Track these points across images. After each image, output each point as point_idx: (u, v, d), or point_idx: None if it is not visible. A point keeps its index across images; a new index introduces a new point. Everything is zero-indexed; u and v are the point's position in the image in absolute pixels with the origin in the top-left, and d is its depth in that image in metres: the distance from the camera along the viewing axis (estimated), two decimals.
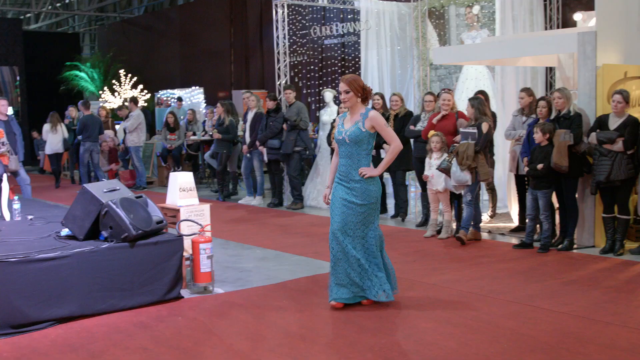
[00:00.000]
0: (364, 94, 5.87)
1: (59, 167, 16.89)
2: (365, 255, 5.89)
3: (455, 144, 8.52)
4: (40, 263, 5.53)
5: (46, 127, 16.39)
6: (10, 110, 12.42)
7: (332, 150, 11.16)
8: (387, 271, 6.02)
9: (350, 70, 14.94)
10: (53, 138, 16.22)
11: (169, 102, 19.85)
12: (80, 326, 5.57)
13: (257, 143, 12.00)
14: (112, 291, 5.86)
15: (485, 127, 8.26)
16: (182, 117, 16.56)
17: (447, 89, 9.59)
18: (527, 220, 8.23)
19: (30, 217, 7.51)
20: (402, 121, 9.90)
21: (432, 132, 8.84)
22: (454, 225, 8.94)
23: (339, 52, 15.62)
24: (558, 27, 11.37)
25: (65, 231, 6.31)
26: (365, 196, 5.85)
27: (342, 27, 14.54)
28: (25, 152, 12.88)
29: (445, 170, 8.42)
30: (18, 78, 24.91)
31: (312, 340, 5.10)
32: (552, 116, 8.04)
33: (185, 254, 6.39)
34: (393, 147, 5.94)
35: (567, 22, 11.51)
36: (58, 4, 28.50)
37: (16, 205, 7.57)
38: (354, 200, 5.83)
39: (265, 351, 4.91)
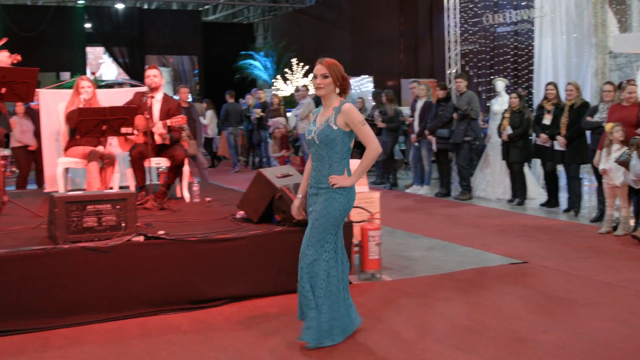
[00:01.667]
0: (343, 84, 4.78)
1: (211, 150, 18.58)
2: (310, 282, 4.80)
3: (636, 137, 8.09)
4: (218, 243, 5.81)
5: (210, 112, 17.67)
6: (190, 98, 13.09)
7: (503, 142, 10.93)
8: (321, 315, 4.77)
9: (523, 59, 14.52)
10: (211, 123, 17.95)
11: None
12: (252, 305, 5.80)
13: (426, 132, 11.95)
14: (283, 273, 6.04)
15: None
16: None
17: (632, 79, 9.11)
18: None
19: (208, 199, 7.90)
20: (578, 112, 9.53)
21: (611, 124, 8.43)
22: (632, 222, 8.49)
23: (511, 40, 15.20)
24: None
25: (240, 213, 6.58)
26: (327, 205, 4.71)
27: (516, 14, 14.14)
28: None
29: (624, 163, 8.02)
30: (197, 67, 26.14)
31: (480, 333, 5.04)
32: None
33: (354, 240, 6.49)
34: (368, 151, 4.73)
35: None
36: None
37: (195, 188, 7.98)
38: (318, 206, 4.77)
39: (432, 341, 4.90)
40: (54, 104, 8.56)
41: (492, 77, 14.76)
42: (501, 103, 11.65)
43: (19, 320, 5.20)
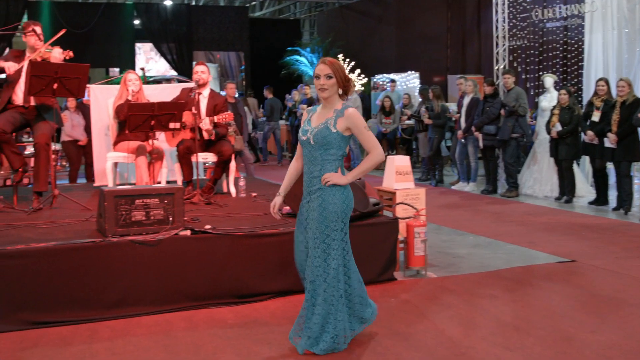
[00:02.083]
0: (347, 85, 4.54)
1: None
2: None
3: None
4: (264, 238, 5.85)
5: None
6: (236, 94, 13.17)
7: (552, 139, 10.79)
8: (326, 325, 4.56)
9: (573, 54, 14.31)
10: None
11: (384, 87, 20.07)
12: (297, 300, 5.79)
13: (473, 128, 11.86)
14: None
15: None
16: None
17: None
18: None
19: (254, 194, 7.95)
20: (630, 109, 9.36)
21: None
22: None
23: (560, 35, 14.97)
24: None
25: (286, 209, 6.60)
26: (322, 208, 4.50)
27: (566, 9, 13.96)
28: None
29: None
30: (244, 63, 26.29)
31: (527, 332, 4.99)
32: None
33: (399, 237, 6.47)
34: (372, 156, 4.57)
35: None
36: None
37: (241, 183, 8.04)
38: (312, 213, 4.56)
39: (478, 339, 4.87)
40: (103, 99, 8.69)
41: (540, 73, 14.59)
42: (550, 99, 11.49)
43: (67, 312, 5.31)
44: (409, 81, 20.03)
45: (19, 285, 5.19)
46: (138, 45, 26.04)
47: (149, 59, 27.23)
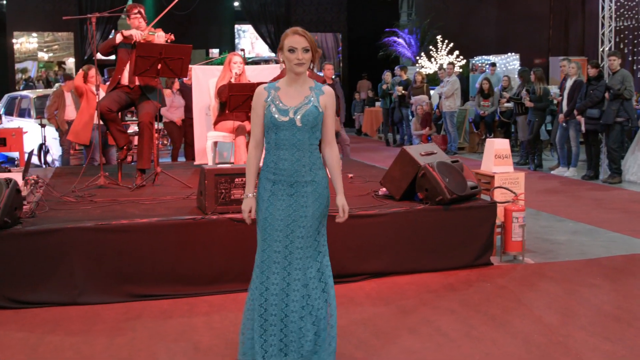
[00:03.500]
0: (314, 60, 3.94)
1: None
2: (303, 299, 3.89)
3: None
4: (360, 219, 5.87)
5: None
6: (333, 75, 13.22)
7: None
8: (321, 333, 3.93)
9: None
10: None
11: (483, 69, 19.72)
12: (392, 282, 5.83)
13: (575, 112, 11.53)
14: (423, 252, 6.05)
15: None
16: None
17: None
18: None
19: (350, 175, 7.98)
20: None
21: None
22: None
23: None
24: None
25: (382, 190, 6.62)
26: (318, 205, 3.88)
27: None
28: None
29: None
30: (341, 44, 26.30)
31: (628, 323, 4.85)
32: None
33: (497, 221, 6.38)
34: (336, 155, 4.01)
35: None
36: None
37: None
38: (302, 209, 3.86)
39: (576, 328, 4.77)
40: (205, 79, 8.88)
41: None
42: None
43: (168, 286, 5.49)
44: (508, 63, 19.60)
45: (123, 258, 5.41)
46: (243, 27, 26.41)
47: (253, 43, 27.58)
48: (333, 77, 12.37)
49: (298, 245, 3.86)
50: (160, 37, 7.38)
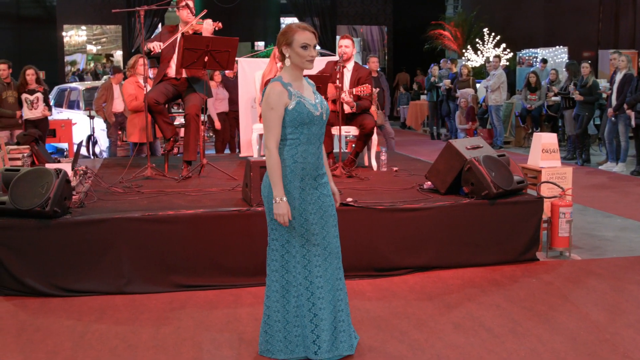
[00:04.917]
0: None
1: None
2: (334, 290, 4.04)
3: None
4: (404, 213, 5.85)
5: None
6: (378, 67, 13.18)
7: None
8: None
9: None
10: None
11: (530, 62, 19.48)
12: (436, 276, 5.81)
13: (625, 106, 11.33)
14: (468, 246, 6.00)
15: None
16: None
17: None
18: None
19: (395, 168, 7.96)
20: None
21: None
22: None
23: None
24: None
25: (427, 184, 6.58)
26: (331, 199, 4.08)
27: None
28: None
29: None
30: (386, 37, 26.21)
31: None
32: None
33: (543, 216, 6.31)
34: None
35: None
36: None
37: (383, 157, 8.06)
38: (327, 198, 4.03)
39: (624, 325, 4.69)
40: (250, 72, 8.92)
41: None
42: None
43: (213, 277, 5.55)
44: (556, 56, 19.33)
45: (169, 249, 5.47)
46: (288, 20, 26.45)
47: None
48: (378, 69, 12.33)
49: (334, 234, 4.02)
50: (209, 24, 7.44)
